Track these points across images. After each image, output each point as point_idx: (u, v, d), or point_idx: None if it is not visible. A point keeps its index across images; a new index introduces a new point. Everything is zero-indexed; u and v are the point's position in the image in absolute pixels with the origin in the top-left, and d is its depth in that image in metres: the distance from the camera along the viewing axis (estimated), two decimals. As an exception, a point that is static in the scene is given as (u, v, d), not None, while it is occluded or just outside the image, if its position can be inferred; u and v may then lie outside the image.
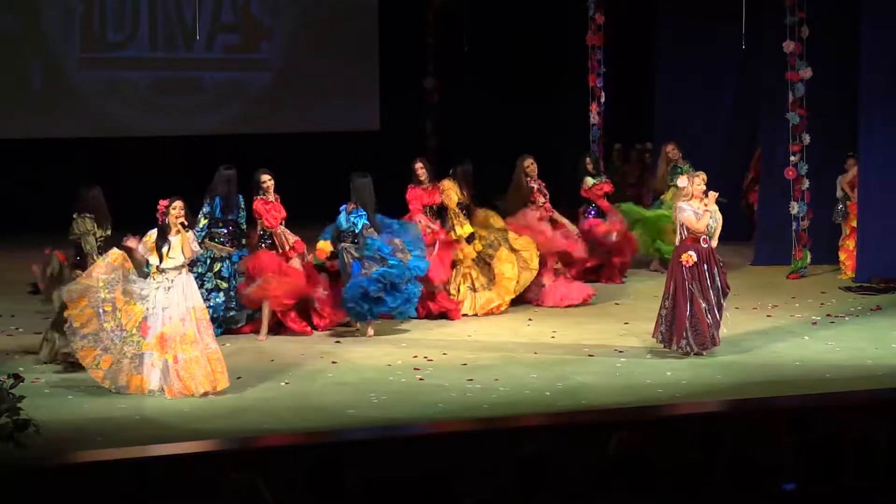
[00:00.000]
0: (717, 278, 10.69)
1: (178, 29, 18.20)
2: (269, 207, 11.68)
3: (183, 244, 9.76)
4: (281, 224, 11.74)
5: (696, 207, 10.67)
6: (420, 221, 12.53)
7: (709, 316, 10.63)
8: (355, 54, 19.12)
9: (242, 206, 11.76)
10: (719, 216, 10.80)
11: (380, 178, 12.10)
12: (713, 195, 10.67)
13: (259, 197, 11.70)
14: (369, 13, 19.34)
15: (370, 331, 11.73)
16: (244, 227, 11.79)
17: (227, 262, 11.64)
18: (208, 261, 11.53)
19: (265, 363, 10.72)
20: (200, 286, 10.72)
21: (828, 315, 12.57)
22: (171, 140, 17.75)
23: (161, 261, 9.70)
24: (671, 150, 15.09)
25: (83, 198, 10.65)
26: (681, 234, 10.80)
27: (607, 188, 14.54)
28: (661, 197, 15.18)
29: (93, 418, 9.07)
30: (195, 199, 13.21)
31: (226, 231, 11.68)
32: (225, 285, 11.57)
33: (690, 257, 10.63)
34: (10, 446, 7.80)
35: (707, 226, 10.64)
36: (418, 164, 12.84)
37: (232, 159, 13.70)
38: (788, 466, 5.89)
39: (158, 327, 9.66)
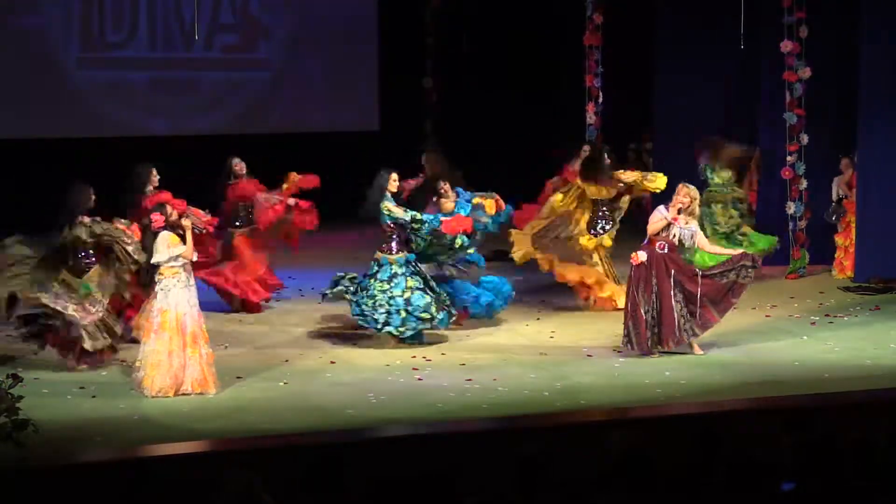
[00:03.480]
0: (670, 284, 10.69)
1: (177, 29, 18.18)
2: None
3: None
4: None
5: (665, 212, 10.76)
6: (260, 199, 12.68)
7: (647, 317, 10.68)
8: (355, 54, 19.11)
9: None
10: (699, 239, 10.86)
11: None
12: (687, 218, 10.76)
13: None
14: (369, 14, 19.33)
15: None
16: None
17: None
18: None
19: (265, 363, 10.72)
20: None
21: (826, 315, 12.58)
22: (170, 140, 17.73)
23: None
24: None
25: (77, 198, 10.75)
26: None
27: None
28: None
29: (92, 418, 9.07)
30: (194, 199, 13.23)
31: None
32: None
33: (637, 257, 10.80)
34: (10, 446, 7.81)
35: (672, 235, 10.71)
36: (236, 160, 12.93)
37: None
38: (787, 466, 5.90)
39: (190, 325, 9.73)
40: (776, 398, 9.53)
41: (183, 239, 9.81)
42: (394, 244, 11.32)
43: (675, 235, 10.77)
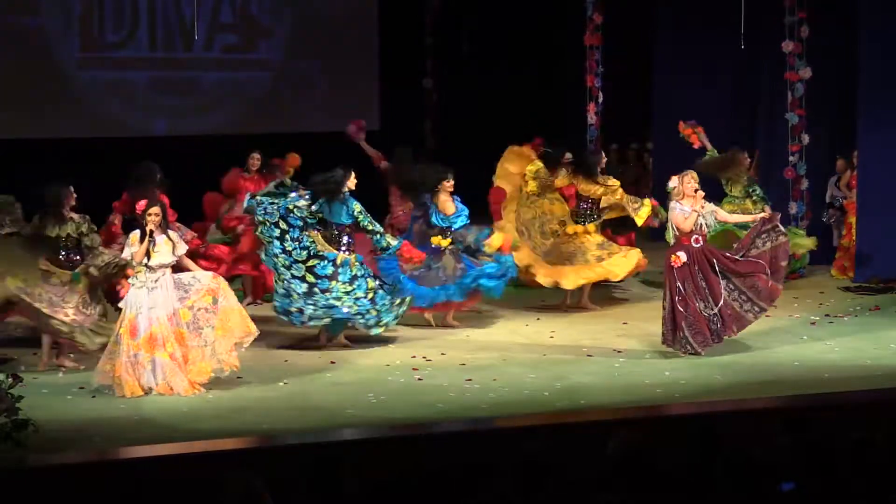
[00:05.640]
0: (719, 274, 10.69)
1: (177, 29, 18.17)
2: None
3: (174, 244, 9.95)
4: None
5: (685, 207, 10.72)
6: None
7: (706, 312, 10.67)
8: (355, 54, 19.11)
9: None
10: (720, 215, 10.88)
11: (380, 178, 12.15)
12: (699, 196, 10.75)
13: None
14: (369, 13, 19.32)
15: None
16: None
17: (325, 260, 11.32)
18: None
19: (264, 363, 10.72)
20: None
21: (826, 315, 12.58)
22: (170, 140, 17.73)
23: (149, 258, 9.80)
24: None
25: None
26: (673, 233, 10.89)
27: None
28: None
29: (92, 418, 9.07)
30: (192, 198, 13.25)
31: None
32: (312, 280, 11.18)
33: (678, 258, 10.71)
34: (9, 446, 7.82)
35: (698, 226, 10.69)
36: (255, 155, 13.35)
37: (231, 159, 13.74)
38: (787, 466, 5.90)
39: (146, 328, 9.71)
40: (776, 398, 9.53)
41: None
42: (345, 242, 11.32)
43: (700, 225, 10.75)
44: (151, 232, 9.86)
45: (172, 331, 9.75)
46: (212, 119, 18.49)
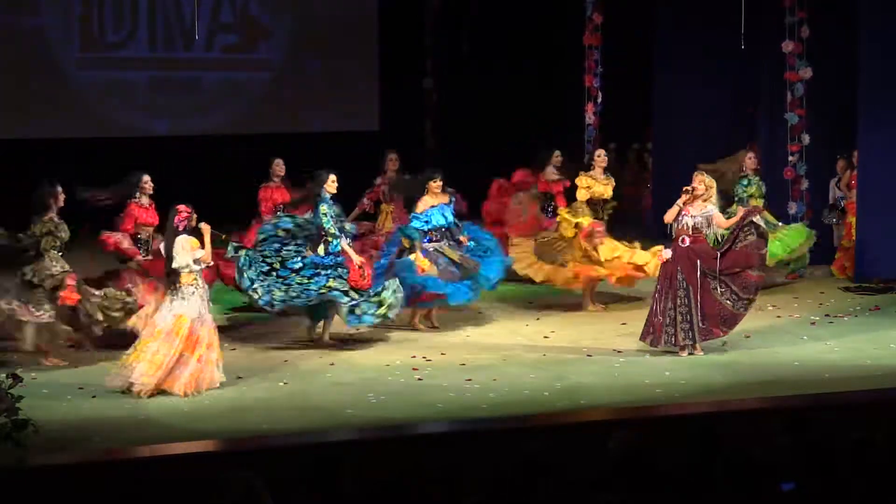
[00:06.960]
0: (697, 277, 10.70)
1: (177, 29, 18.19)
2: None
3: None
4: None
5: (679, 202, 10.80)
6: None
7: (670, 313, 10.68)
8: (355, 54, 19.12)
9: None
10: (716, 220, 10.88)
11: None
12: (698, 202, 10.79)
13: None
14: (369, 14, 19.34)
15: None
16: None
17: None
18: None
19: (265, 363, 10.73)
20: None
21: (826, 315, 12.58)
22: (171, 140, 17.75)
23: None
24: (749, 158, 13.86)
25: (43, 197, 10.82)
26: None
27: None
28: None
29: (92, 418, 9.08)
30: (191, 200, 13.24)
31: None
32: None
33: (661, 254, 10.92)
34: (9, 446, 7.81)
35: (683, 225, 10.72)
36: (278, 161, 13.09)
37: (231, 160, 13.75)
38: (787, 466, 5.90)
39: (197, 331, 9.75)
40: (776, 398, 9.53)
41: (202, 243, 9.86)
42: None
43: (687, 225, 10.76)
44: (207, 229, 9.91)
45: (209, 336, 9.80)
46: (212, 119, 18.50)
